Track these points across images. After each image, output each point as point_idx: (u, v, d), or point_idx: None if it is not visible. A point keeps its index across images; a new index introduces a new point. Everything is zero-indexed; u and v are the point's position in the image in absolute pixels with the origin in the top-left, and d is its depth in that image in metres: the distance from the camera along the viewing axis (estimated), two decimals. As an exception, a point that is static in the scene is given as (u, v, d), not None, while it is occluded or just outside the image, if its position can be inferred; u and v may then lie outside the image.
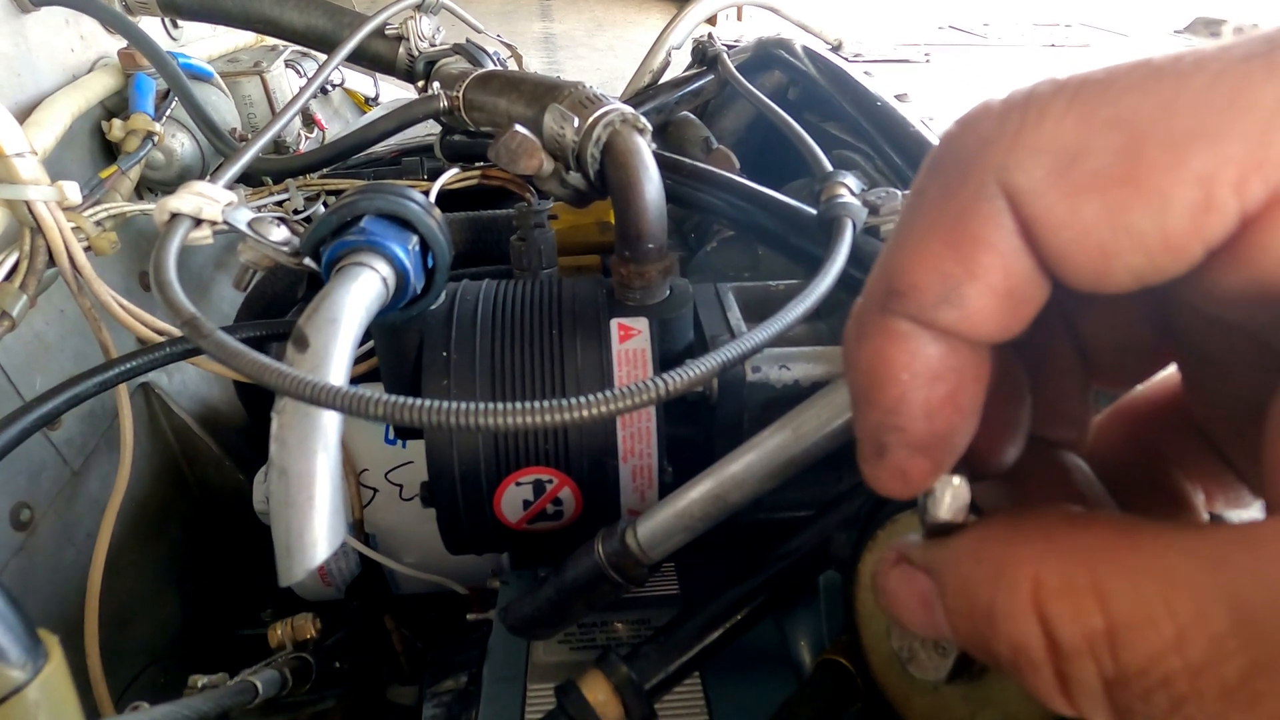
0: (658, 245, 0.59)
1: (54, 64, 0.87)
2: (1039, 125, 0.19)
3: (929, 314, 0.20)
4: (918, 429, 0.22)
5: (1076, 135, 0.18)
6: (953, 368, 0.21)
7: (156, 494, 1.01)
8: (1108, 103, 0.18)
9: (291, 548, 0.41)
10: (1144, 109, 0.18)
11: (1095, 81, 0.18)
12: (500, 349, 0.59)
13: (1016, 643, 0.19)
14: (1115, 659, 0.18)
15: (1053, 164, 0.18)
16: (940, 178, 0.21)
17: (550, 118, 0.60)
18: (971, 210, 0.19)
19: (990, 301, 0.20)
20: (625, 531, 0.50)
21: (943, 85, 0.96)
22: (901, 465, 0.22)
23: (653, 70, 1.07)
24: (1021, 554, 0.20)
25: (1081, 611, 0.18)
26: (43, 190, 0.64)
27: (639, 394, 0.35)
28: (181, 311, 0.39)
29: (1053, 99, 0.19)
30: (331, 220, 0.51)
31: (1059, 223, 0.18)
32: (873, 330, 0.22)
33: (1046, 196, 0.18)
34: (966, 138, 0.20)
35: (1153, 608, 0.17)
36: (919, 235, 0.21)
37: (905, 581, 0.23)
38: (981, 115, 0.20)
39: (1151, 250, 0.18)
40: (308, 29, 0.96)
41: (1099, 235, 0.18)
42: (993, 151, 0.19)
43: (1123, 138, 0.18)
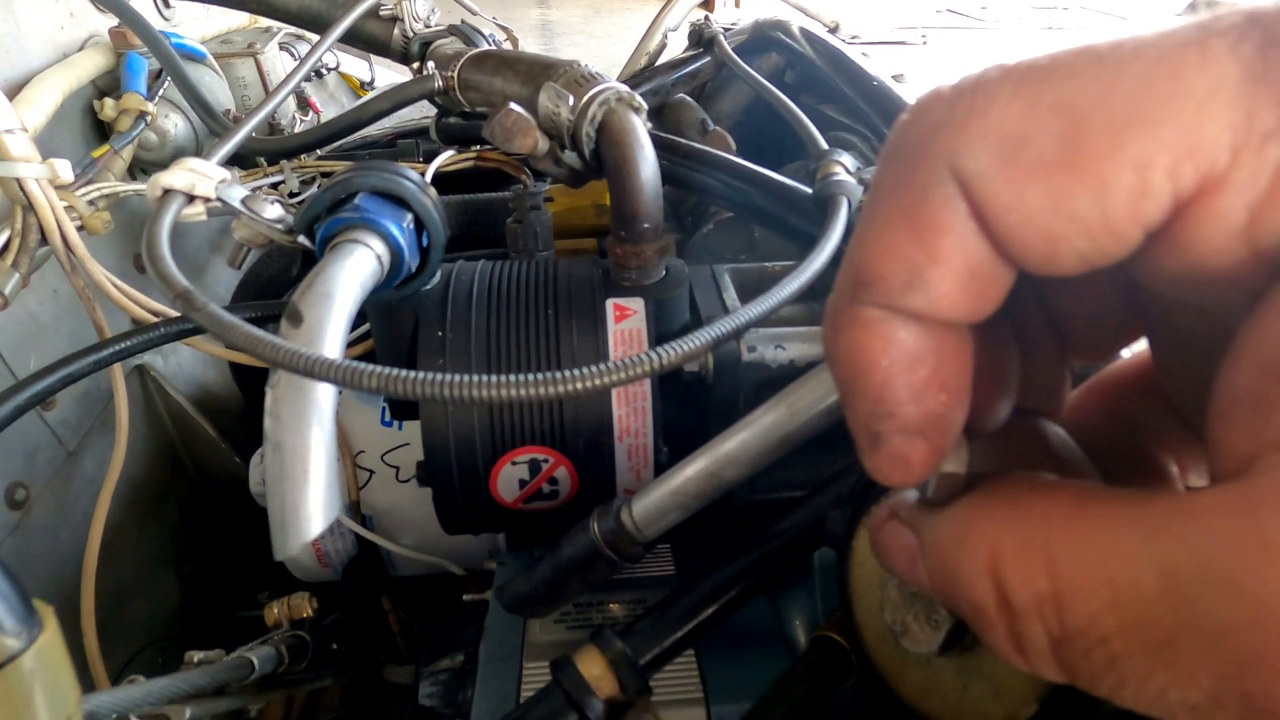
0: (653, 225, 0.59)
1: (43, 41, 0.86)
2: (985, 111, 0.19)
3: (897, 300, 0.21)
4: (908, 413, 0.22)
5: (1021, 121, 0.19)
6: (930, 349, 0.21)
7: (153, 476, 1.01)
8: (1051, 88, 0.18)
9: (286, 522, 0.41)
10: (1085, 95, 0.18)
11: (1040, 67, 0.19)
12: (496, 328, 0.59)
13: (975, 602, 0.21)
14: (1060, 619, 0.19)
15: (999, 149, 0.19)
16: (895, 166, 0.21)
17: (545, 96, 0.59)
18: (926, 196, 0.20)
19: (955, 284, 0.20)
20: (620, 510, 0.51)
21: (940, 66, 0.95)
22: (900, 451, 0.22)
23: (649, 52, 1.07)
24: (985, 519, 0.21)
25: (1031, 575, 0.19)
26: (34, 167, 0.63)
27: (633, 367, 0.35)
28: (174, 285, 0.38)
29: (999, 85, 0.19)
30: (325, 197, 0.51)
31: (1006, 207, 0.19)
32: (846, 322, 0.22)
33: (994, 181, 0.19)
34: (918, 125, 0.20)
35: (1094, 572, 0.18)
36: (879, 225, 0.21)
37: (894, 536, 0.25)
38: (932, 102, 0.20)
39: (1094, 234, 0.18)
40: (301, 9, 0.95)
41: (1044, 219, 0.19)
42: (942, 137, 0.20)
43: (1064, 123, 0.18)
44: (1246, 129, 0.17)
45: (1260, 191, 0.17)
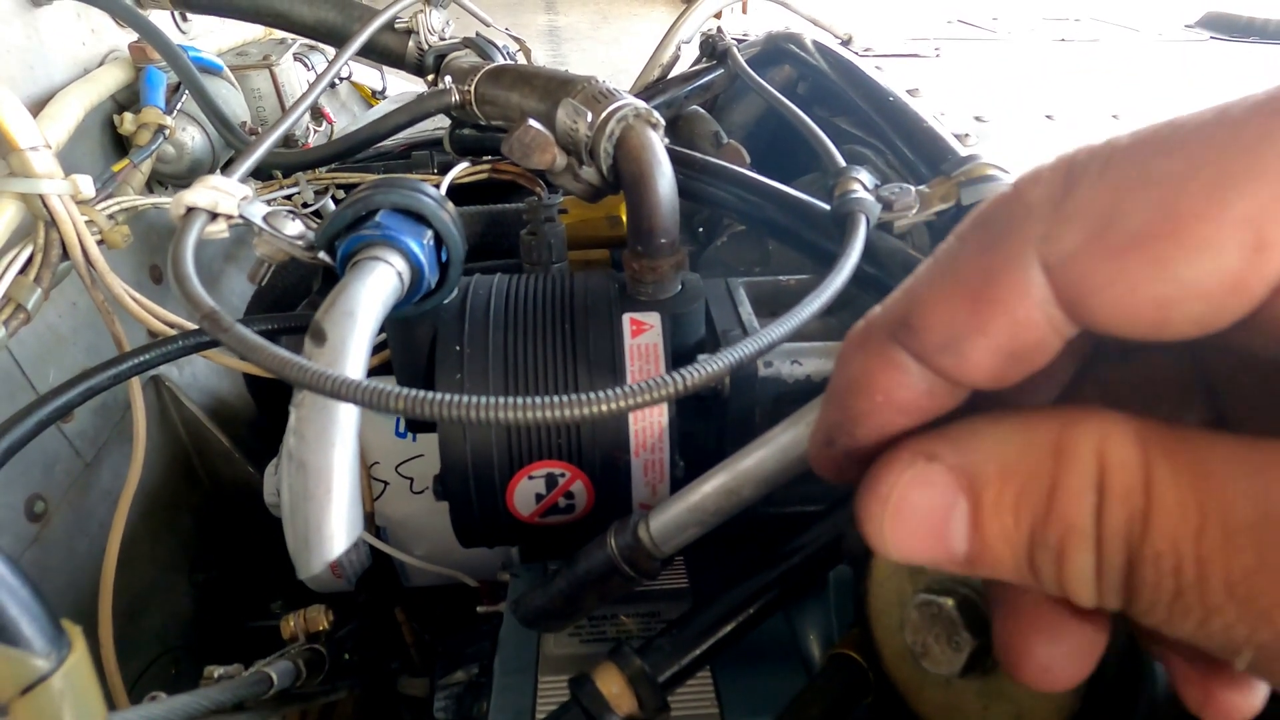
0: (670, 240, 0.59)
1: (65, 57, 0.87)
2: (1074, 194, 0.19)
3: (928, 355, 0.22)
4: (865, 443, 0.23)
5: (1111, 199, 0.19)
6: (923, 407, 0.22)
7: (167, 486, 1.02)
8: (1138, 164, 0.19)
9: (310, 540, 0.41)
10: (1175, 165, 0.18)
11: (1127, 144, 0.19)
12: (513, 343, 0.59)
13: (1074, 523, 0.20)
14: (1142, 540, 0.19)
15: (1091, 229, 0.19)
16: (983, 233, 0.21)
17: (563, 112, 0.60)
18: (1000, 274, 0.20)
19: (989, 358, 0.21)
20: (638, 525, 0.51)
21: (953, 80, 0.95)
22: (836, 462, 0.25)
23: (662, 64, 1.07)
24: (1086, 433, 0.20)
25: (1130, 490, 0.19)
26: (57, 184, 0.64)
27: (655, 390, 0.35)
28: (201, 305, 0.39)
29: (1088, 164, 0.20)
30: (346, 215, 0.51)
31: (1104, 284, 0.19)
32: (874, 348, 0.23)
33: (1088, 261, 0.19)
34: (1013, 203, 0.21)
35: (1185, 497, 0.18)
36: (946, 279, 0.21)
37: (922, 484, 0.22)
38: (1031, 183, 0.21)
39: (1210, 296, 0.18)
40: (317, 22, 0.96)
41: (1150, 290, 0.18)
42: (1034, 223, 0.20)
43: (1158, 194, 0.18)
44: None
45: None
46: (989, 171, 0.57)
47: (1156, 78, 1.04)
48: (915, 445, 0.23)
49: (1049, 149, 0.77)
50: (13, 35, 0.79)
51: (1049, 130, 0.79)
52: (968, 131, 0.72)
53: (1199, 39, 1.29)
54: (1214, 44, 1.25)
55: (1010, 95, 0.90)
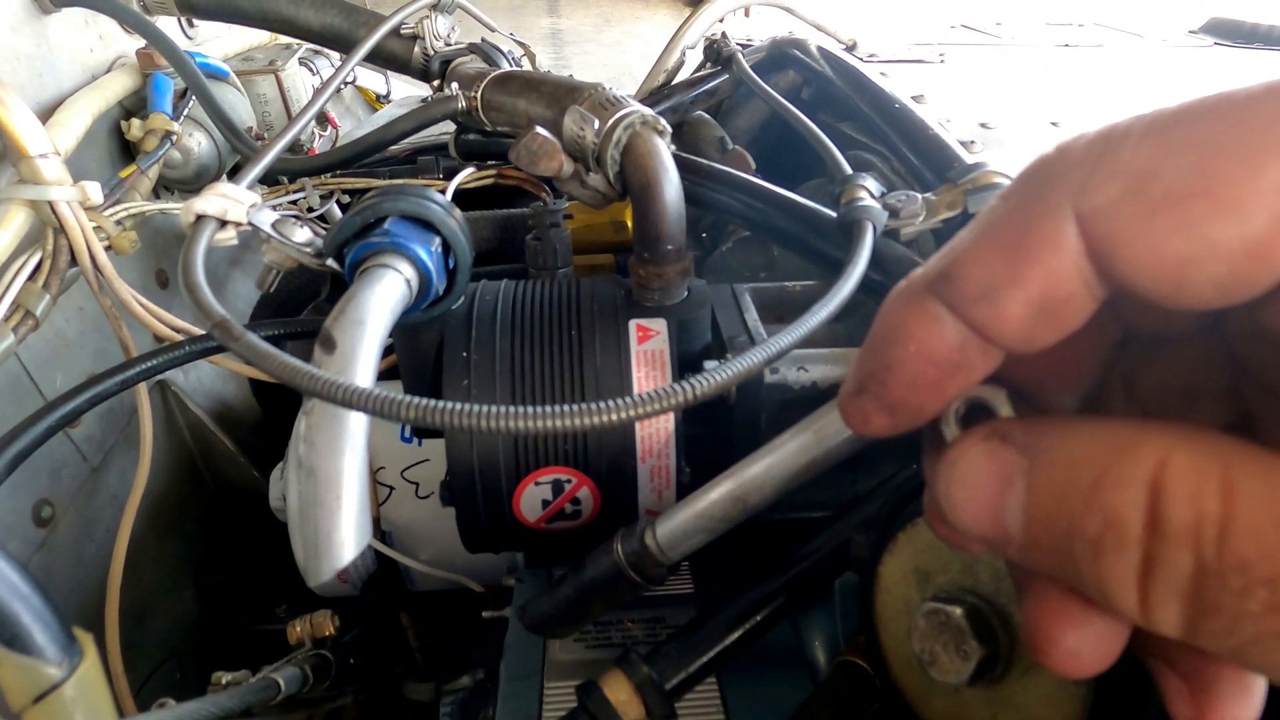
0: (676, 246, 0.59)
1: (74, 64, 0.88)
2: (1117, 152, 0.20)
3: (965, 304, 0.22)
4: (895, 393, 0.24)
5: (1152, 158, 0.19)
6: (954, 361, 0.23)
7: (173, 490, 1.02)
8: (1182, 128, 0.19)
9: (320, 548, 0.41)
10: (1218, 131, 0.19)
11: (1171, 111, 0.20)
12: (520, 349, 0.59)
13: (1113, 515, 0.19)
14: (1221, 547, 0.18)
15: (1128, 185, 0.19)
16: (1023, 189, 0.22)
17: (570, 119, 0.60)
18: (1036, 226, 0.21)
19: (1023, 310, 0.21)
20: (645, 531, 0.51)
21: (958, 85, 0.96)
22: (865, 412, 0.25)
23: (667, 69, 1.07)
24: (1153, 437, 0.20)
25: (1202, 495, 0.18)
26: (66, 191, 0.64)
27: (664, 399, 0.36)
28: (212, 314, 0.39)
29: (1131, 128, 0.20)
30: (355, 222, 0.52)
31: (1133, 237, 0.19)
32: (911, 302, 0.24)
33: (1121, 214, 0.20)
34: (1055, 160, 0.21)
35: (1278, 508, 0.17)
36: (983, 234, 0.22)
37: (989, 458, 0.23)
38: (1074, 142, 0.21)
39: (1234, 259, 0.18)
40: (324, 28, 0.96)
41: (1176, 247, 0.19)
42: (1074, 175, 0.21)
43: (1196, 156, 0.19)
44: None
45: None
46: (995, 179, 0.57)
47: (1161, 84, 1.04)
48: (993, 424, 0.24)
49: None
50: (22, 43, 0.80)
51: (1054, 137, 0.79)
52: (973, 139, 0.72)
53: (1203, 45, 1.29)
54: (1218, 50, 1.25)
55: (1015, 102, 0.90)
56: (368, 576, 0.84)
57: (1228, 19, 1.37)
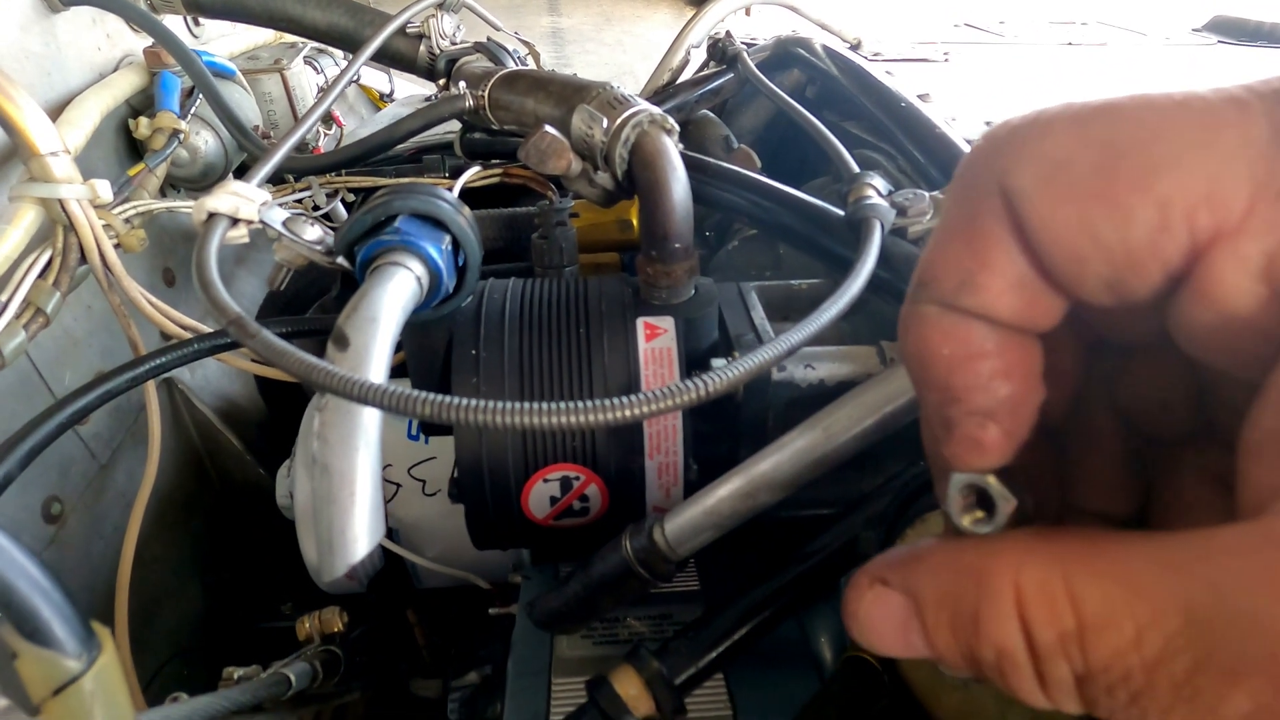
0: (684, 245, 0.60)
1: (82, 63, 0.88)
2: (1040, 139, 0.21)
3: (951, 298, 0.23)
4: (976, 399, 0.23)
5: (1068, 149, 0.21)
6: (990, 345, 0.23)
7: (180, 488, 1.03)
8: (1101, 125, 0.20)
9: (334, 543, 0.42)
10: (1129, 134, 0.20)
11: (1095, 106, 0.21)
12: (528, 347, 0.59)
13: (1001, 646, 0.21)
14: (1084, 656, 0.20)
15: (1042, 171, 0.21)
16: (960, 183, 0.23)
17: (579, 118, 0.60)
18: (978, 209, 0.22)
19: (1004, 286, 0.22)
20: (653, 528, 0.51)
21: (963, 84, 0.96)
22: (972, 434, 0.24)
23: (671, 69, 1.07)
24: (1001, 562, 0.21)
25: (1056, 614, 0.20)
26: (76, 189, 0.65)
27: (674, 397, 0.36)
28: (227, 311, 0.39)
29: (1056, 117, 0.21)
30: (366, 220, 0.52)
31: (1041, 223, 0.21)
32: (912, 320, 0.24)
33: (1033, 199, 0.21)
34: (983, 149, 0.23)
35: (1116, 609, 0.19)
36: (942, 235, 0.24)
37: (880, 604, 0.24)
38: (1000, 129, 0.22)
39: (1115, 261, 0.20)
40: (330, 27, 0.97)
41: (1071, 239, 0.20)
42: (999, 159, 0.22)
43: (1104, 156, 0.20)
44: (1266, 183, 0.18)
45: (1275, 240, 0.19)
46: (1002, 177, 0.57)
47: (1164, 82, 1.04)
48: (871, 569, 0.25)
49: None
50: (31, 42, 0.80)
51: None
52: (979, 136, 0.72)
53: (1206, 43, 1.29)
54: (1221, 48, 1.26)
55: (1020, 100, 0.90)
56: (375, 574, 0.84)
57: (1230, 17, 1.37)
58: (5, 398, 0.76)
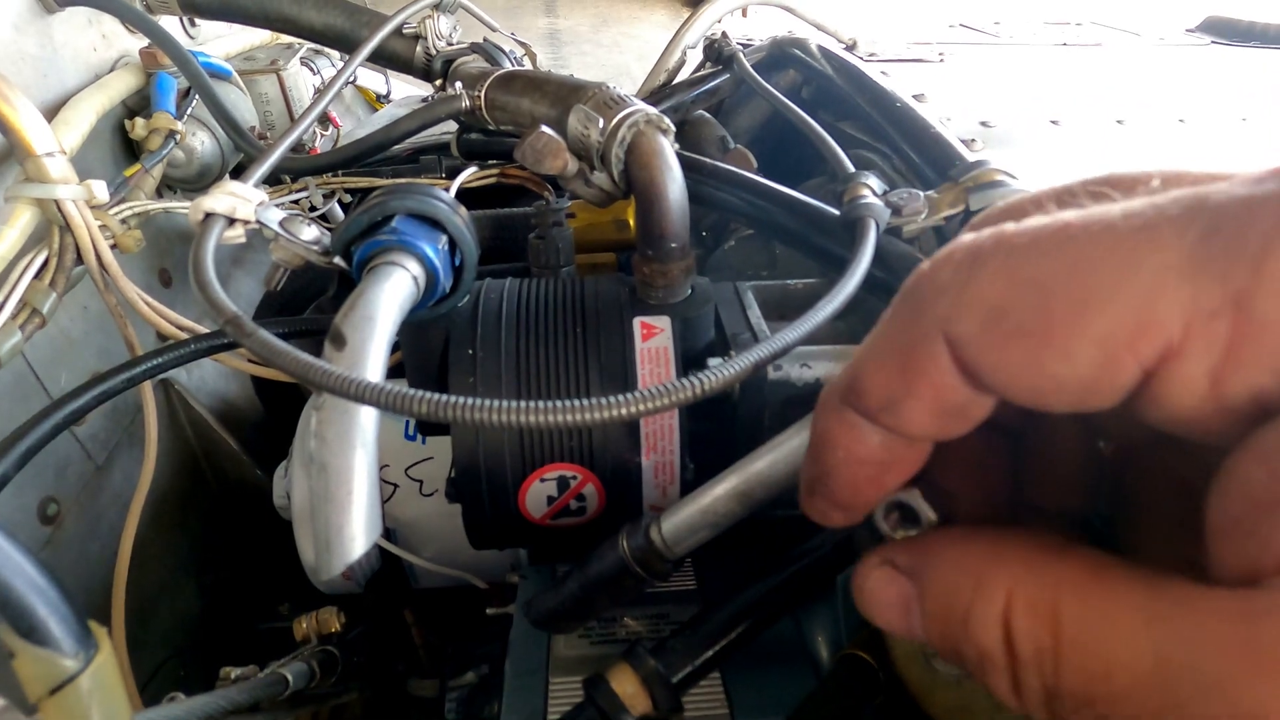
0: (680, 244, 0.60)
1: (78, 64, 0.88)
2: (976, 284, 0.22)
3: (873, 415, 0.25)
4: (840, 493, 0.28)
5: (1003, 294, 0.22)
6: (883, 458, 0.26)
7: (176, 488, 1.03)
8: (1029, 264, 0.21)
9: (331, 542, 0.42)
10: (1056, 271, 0.21)
11: (1023, 244, 0.22)
12: (525, 346, 0.60)
13: (984, 647, 0.23)
14: (1056, 674, 0.21)
15: (985, 318, 0.22)
16: (904, 309, 0.25)
17: (575, 118, 0.60)
18: (917, 346, 0.23)
19: (923, 415, 0.24)
20: (649, 527, 0.51)
21: (958, 84, 0.96)
22: (822, 511, 0.29)
23: (668, 69, 1.08)
24: (1001, 571, 0.23)
25: (1037, 629, 0.22)
26: (72, 189, 0.65)
27: (670, 394, 0.36)
28: (224, 310, 0.39)
29: (990, 258, 0.22)
30: (362, 220, 0.52)
31: (993, 365, 0.22)
32: (831, 411, 0.27)
33: (979, 344, 0.22)
34: (925, 283, 0.24)
35: (1094, 640, 0.20)
36: (877, 353, 0.25)
37: (887, 583, 0.27)
38: (942, 264, 0.24)
39: (1070, 391, 0.21)
40: (326, 28, 0.97)
41: (1025, 377, 0.22)
42: (941, 302, 0.23)
43: (1036, 299, 0.21)
44: (1193, 307, 0.19)
45: (1216, 359, 0.20)
46: (997, 177, 0.58)
47: (1158, 82, 1.05)
48: (884, 551, 0.27)
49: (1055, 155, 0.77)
50: (26, 43, 0.80)
51: (1054, 136, 0.80)
52: (974, 137, 0.72)
53: (1200, 43, 1.30)
54: (1215, 48, 1.26)
55: (1015, 101, 0.90)
56: (372, 574, 0.85)
57: (1224, 17, 1.37)
58: (1, 398, 0.76)
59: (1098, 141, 0.79)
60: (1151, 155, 0.79)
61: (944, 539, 0.26)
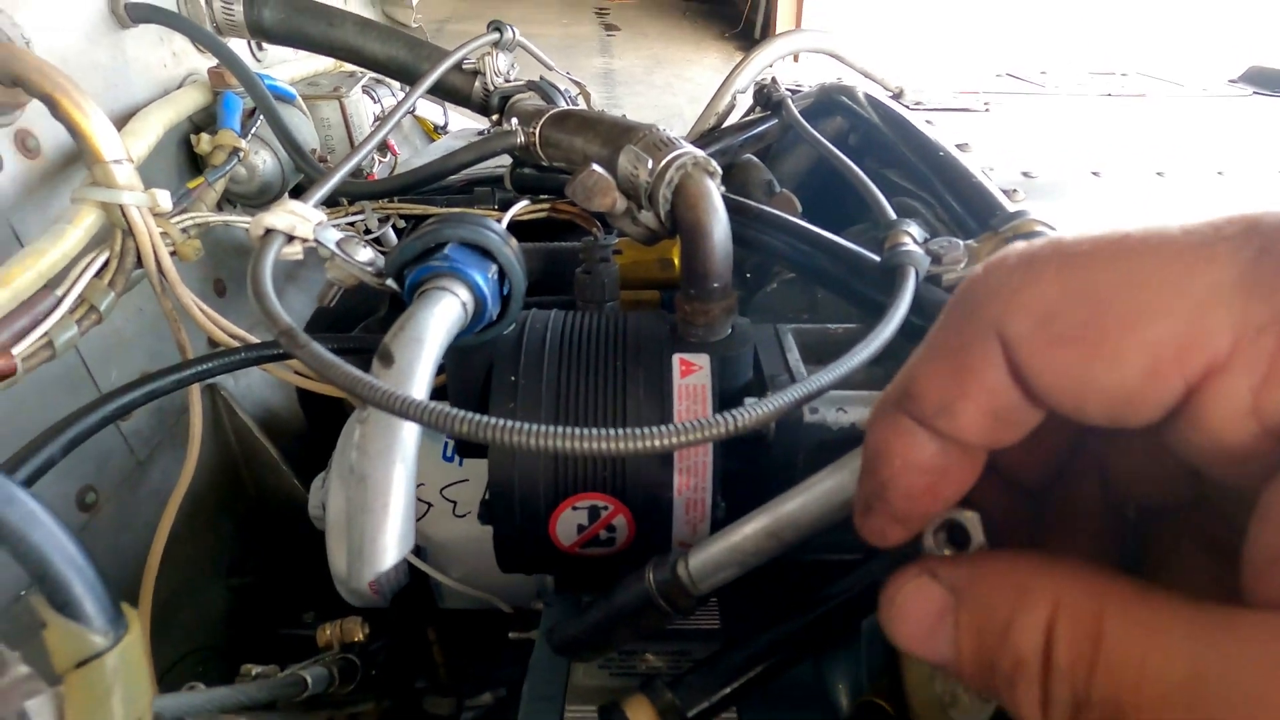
0: (722, 284, 0.61)
1: (146, 78, 0.92)
2: (1031, 287, 0.23)
3: (928, 419, 0.26)
4: (898, 505, 0.28)
5: (1058, 298, 0.23)
6: (939, 465, 0.27)
7: (213, 490, 1.05)
8: (1085, 273, 0.22)
9: (363, 550, 0.43)
10: (1111, 281, 0.22)
11: (1081, 252, 0.23)
12: (566, 377, 0.61)
13: (1021, 655, 0.23)
14: (1089, 684, 0.21)
15: (1037, 320, 0.23)
16: (957, 313, 0.25)
17: (625, 158, 0.62)
18: (971, 347, 0.24)
19: (978, 418, 0.25)
20: (677, 562, 0.51)
21: (1002, 133, 0.97)
22: (880, 528, 0.29)
23: (718, 113, 1.09)
24: (1048, 582, 0.24)
25: (1079, 638, 0.22)
26: (136, 196, 0.67)
27: (703, 430, 0.37)
28: (279, 322, 0.41)
29: (1045, 264, 0.23)
30: (416, 245, 0.54)
31: (1040, 367, 0.23)
32: (885, 420, 0.27)
33: (1031, 345, 0.23)
34: (979, 286, 0.25)
35: (1131, 653, 0.21)
36: (932, 356, 0.26)
37: (920, 593, 0.27)
38: (996, 268, 0.25)
39: (1113, 400, 0.22)
40: (388, 59, 1.00)
41: (1070, 382, 0.22)
42: (995, 303, 0.24)
43: (1088, 306, 0.22)
44: (1243, 323, 0.20)
45: (1259, 376, 0.20)
46: (1036, 228, 0.58)
47: (1200, 134, 1.05)
48: (924, 562, 0.27)
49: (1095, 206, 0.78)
50: (98, 54, 0.84)
51: (1095, 188, 0.80)
52: (1016, 187, 0.73)
53: (1242, 94, 1.29)
54: (1257, 99, 1.26)
55: (1058, 151, 0.91)
56: (399, 589, 0.85)
57: (1267, 68, 1.37)
58: (52, 388, 0.79)
59: (1137, 194, 0.79)
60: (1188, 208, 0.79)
61: (990, 556, 0.26)
